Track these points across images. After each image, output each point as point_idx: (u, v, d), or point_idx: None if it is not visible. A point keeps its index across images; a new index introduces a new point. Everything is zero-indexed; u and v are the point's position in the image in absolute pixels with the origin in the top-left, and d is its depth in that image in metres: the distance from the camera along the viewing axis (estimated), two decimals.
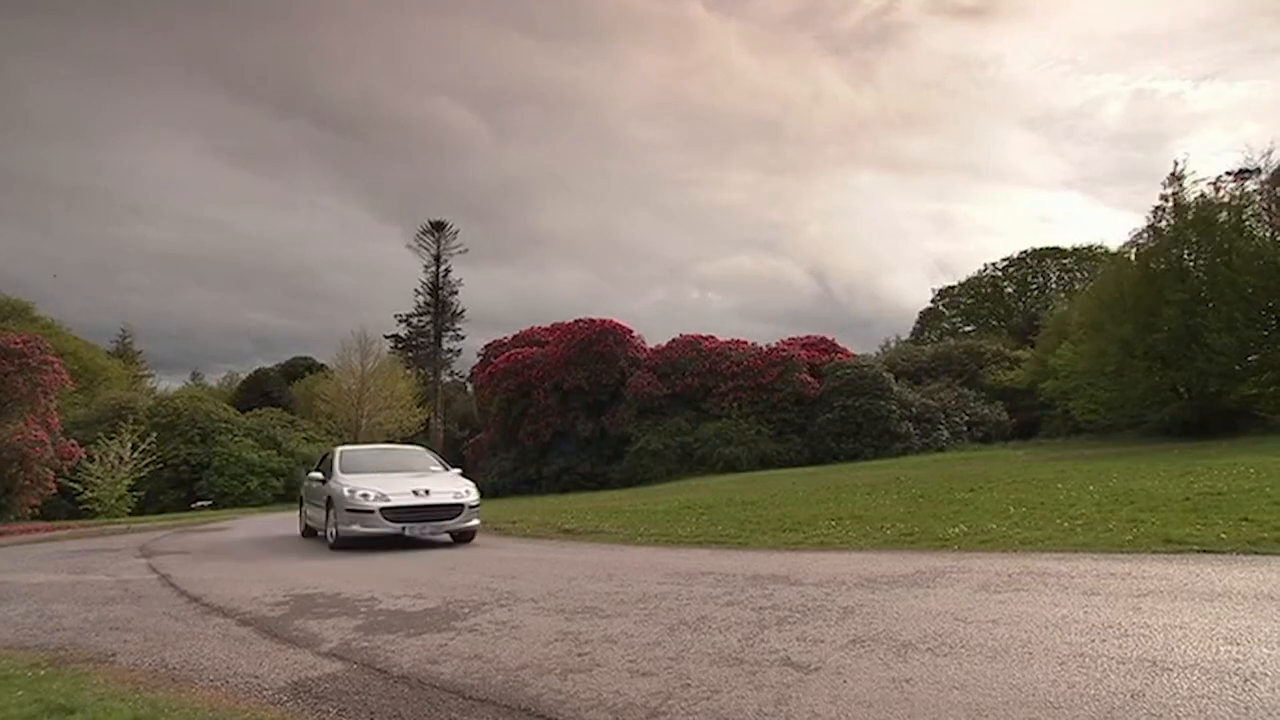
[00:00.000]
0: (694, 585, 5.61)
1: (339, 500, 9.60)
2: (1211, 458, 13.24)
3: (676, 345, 36.15)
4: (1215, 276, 21.00)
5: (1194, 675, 2.84)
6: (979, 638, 3.57)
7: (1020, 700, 2.73)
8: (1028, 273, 51.24)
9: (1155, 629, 3.49)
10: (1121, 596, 4.22)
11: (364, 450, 12.36)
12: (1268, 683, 2.72)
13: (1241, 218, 21.89)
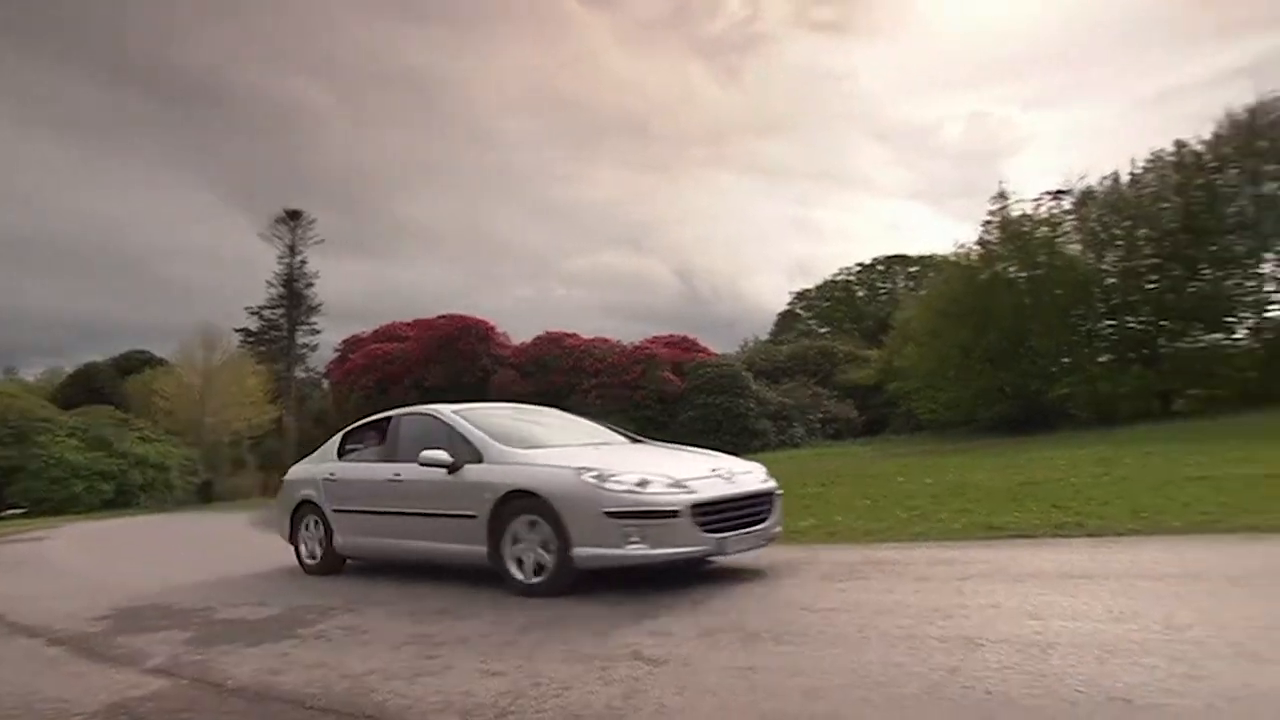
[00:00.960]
0: None
1: (577, 499, 4.81)
2: (1031, 452, 14.49)
3: (541, 342, 36.01)
4: (1035, 287, 22.98)
5: (1002, 649, 3.11)
6: (820, 625, 3.77)
7: (854, 682, 2.90)
8: (878, 277, 54.36)
9: (974, 609, 3.80)
10: (949, 581, 4.56)
11: (492, 410, 6.83)
12: (1060, 651, 3.02)
13: (1055, 234, 24.08)
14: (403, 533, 5.96)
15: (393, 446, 6.36)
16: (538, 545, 4.97)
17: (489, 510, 5.18)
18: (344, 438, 7.13)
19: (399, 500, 5.97)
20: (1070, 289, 22.63)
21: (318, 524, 6.76)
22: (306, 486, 6.96)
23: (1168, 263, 21.85)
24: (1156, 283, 22.19)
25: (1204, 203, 21.34)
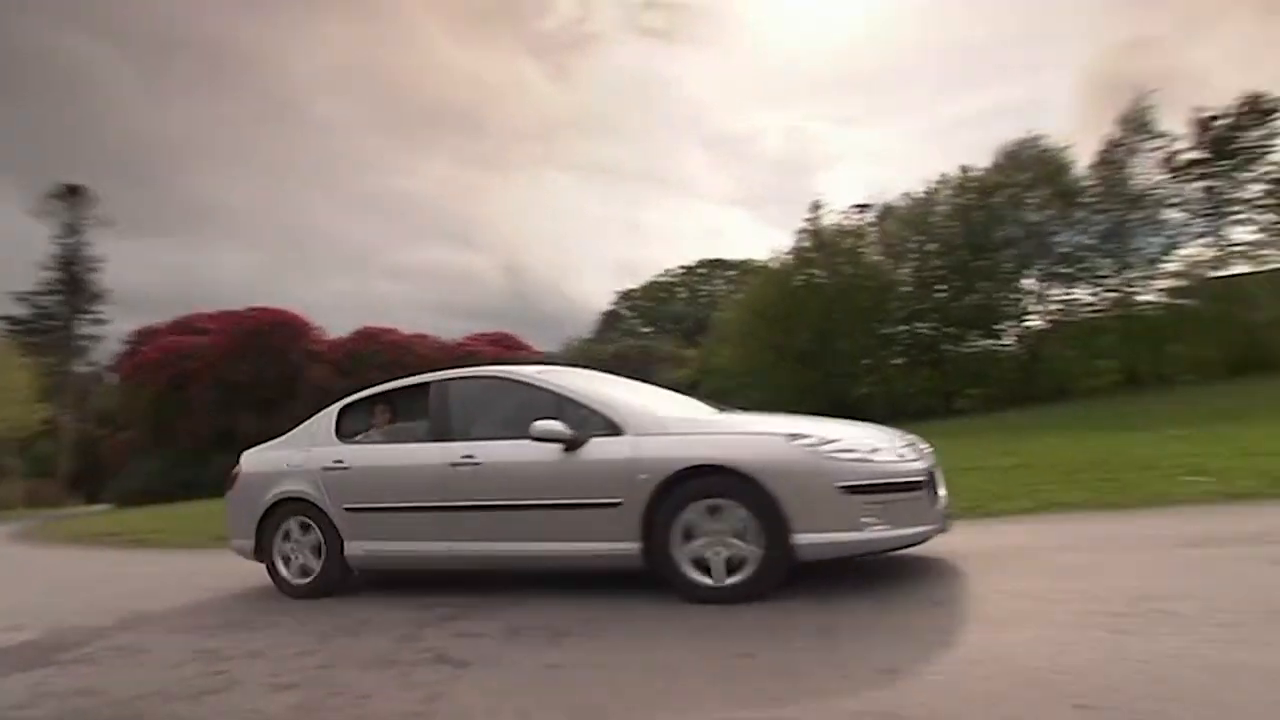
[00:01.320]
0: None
1: (798, 472, 3.82)
2: None
3: (358, 338, 34.50)
4: (841, 292, 24.76)
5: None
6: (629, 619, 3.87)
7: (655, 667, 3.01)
8: (699, 280, 56.35)
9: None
10: None
11: (573, 373, 5.40)
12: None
13: (860, 245, 26.06)
14: (475, 533, 4.59)
15: (445, 421, 4.90)
16: (729, 536, 3.92)
17: (648, 495, 4.04)
18: (342, 413, 5.47)
19: (472, 490, 4.57)
20: (871, 296, 24.58)
21: (307, 528, 5.15)
22: (288, 480, 5.25)
23: (952, 275, 24.23)
24: (943, 293, 24.52)
25: (981, 223, 23.83)
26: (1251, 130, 21.42)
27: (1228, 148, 21.58)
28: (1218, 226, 22.12)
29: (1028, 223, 23.63)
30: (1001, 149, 24.76)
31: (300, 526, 5.17)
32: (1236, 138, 21.53)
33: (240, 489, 5.54)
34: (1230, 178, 21.83)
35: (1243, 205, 21.81)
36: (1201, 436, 8.88)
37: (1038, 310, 24.19)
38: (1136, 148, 22.69)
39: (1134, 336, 21.69)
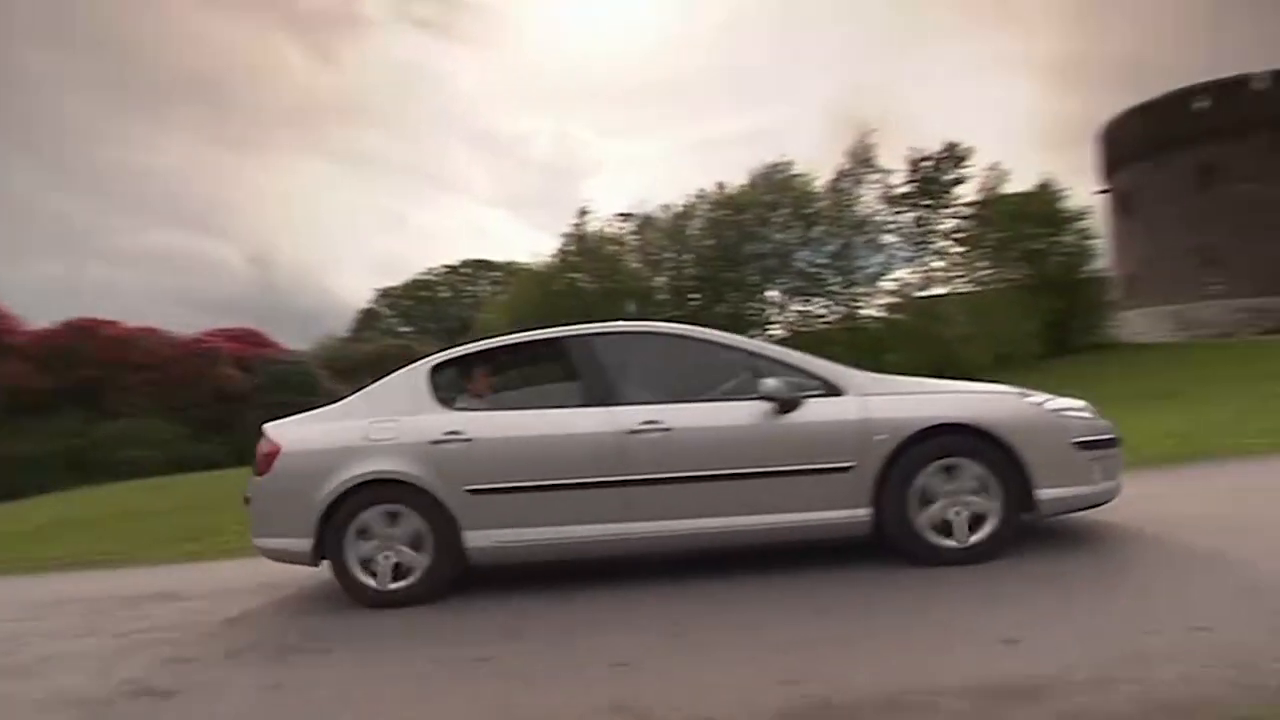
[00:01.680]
0: (49, 619, 4.68)
1: (1039, 429, 3.97)
2: None
3: (69, 331, 30.10)
4: (602, 298, 25.42)
5: None
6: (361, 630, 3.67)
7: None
8: (463, 280, 55.34)
9: None
10: None
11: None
12: None
13: (621, 251, 26.96)
14: (658, 510, 4.02)
15: (601, 383, 4.27)
16: (967, 494, 3.86)
17: (884, 457, 3.85)
18: (434, 374, 4.51)
19: (657, 461, 4.01)
20: (631, 301, 25.49)
21: (396, 518, 4.19)
22: (372, 458, 4.20)
23: (705, 285, 25.78)
24: (696, 301, 25.99)
25: (733, 238, 25.59)
26: (948, 173, 25.02)
27: (931, 186, 25.02)
28: (923, 253, 25.53)
29: (773, 240, 25.74)
30: (754, 170, 26.78)
31: (386, 517, 4.19)
32: (938, 178, 25.03)
33: (285, 474, 4.31)
34: (934, 212, 25.34)
35: (940, 236, 25.42)
36: None
37: (780, 320, 26.42)
38: (861, 178, 25.57)
39: (858, 347, 24.32)
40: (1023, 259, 26.56)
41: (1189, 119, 40.00)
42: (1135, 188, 42.64)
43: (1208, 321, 37.88)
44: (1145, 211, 41.95)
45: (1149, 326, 38.98)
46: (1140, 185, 42.32)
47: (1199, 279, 39.27)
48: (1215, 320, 37.76)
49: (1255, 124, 38.28)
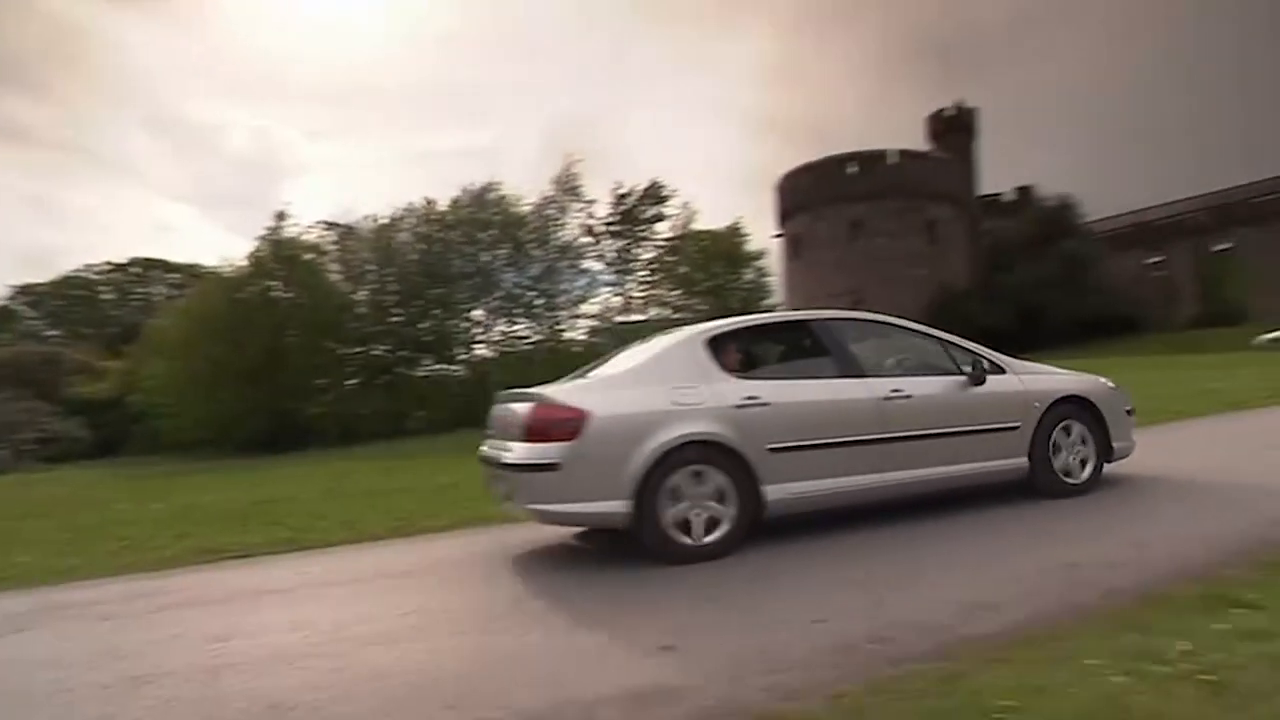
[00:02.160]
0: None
1: (1112, 399, 5.52)
2: (277, 470, 14.74)
3: None
4: (298, 309, 23.74)
5: (171, 681, 3.03)
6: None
7: None
8: (132, 281, 48.58)
9: (156, 643, 3.61)
10: (140, 615, 4.24)
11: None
12: (233, 670, 3.09)
13: (321, 261, 25.41)
14: (886, 462, 4.77)
15: (842, 358, 4.95)
16: (1077, 445, 5.25)
17: (1038, 418, 5.14)
18: (712, 346, 4.76)
19: (904, 422, 4.80)
20: (329, 314, 24.05)
21: (699, 477, 4.33)
22: (684, 421, 4.34)
23: (409, 301, 25.08)
24: (400, 317, 25.21)
25: (440, 255, 25.24)
26: (649, 208, 26.90)
27: (632, 219, 26.72)
28: (624, 280, 27.11)
29: (480, 260, 25.78)
30: (466, 188, 26.64)
31: (692, 476, 4.33)
32: (639, 212, 26.79)
33: (599, 438, 4.24)
34: (635, 242, 27.06)
35: (641, 266, 27.20)
36: None
37: (485, 340, 26.47)
38: (567, 205, 26.59)
39: (561, 368, 25.07)
40: (709, 292, 29.25)
41: (843, 180, 46.87)
42: (803, 234, 48.92)
43: None
44: (810, 256, 48.27)
45: None
46: (806, 233, 48.64)
47: None
48: None
49: (890, 190, 45.90)
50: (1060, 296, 39.78)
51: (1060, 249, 41.28)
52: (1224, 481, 5.35)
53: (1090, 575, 3.41)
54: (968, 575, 3.63)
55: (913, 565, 3.88)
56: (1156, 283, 47.56)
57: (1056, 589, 3.28)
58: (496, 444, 4.81)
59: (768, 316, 5.94)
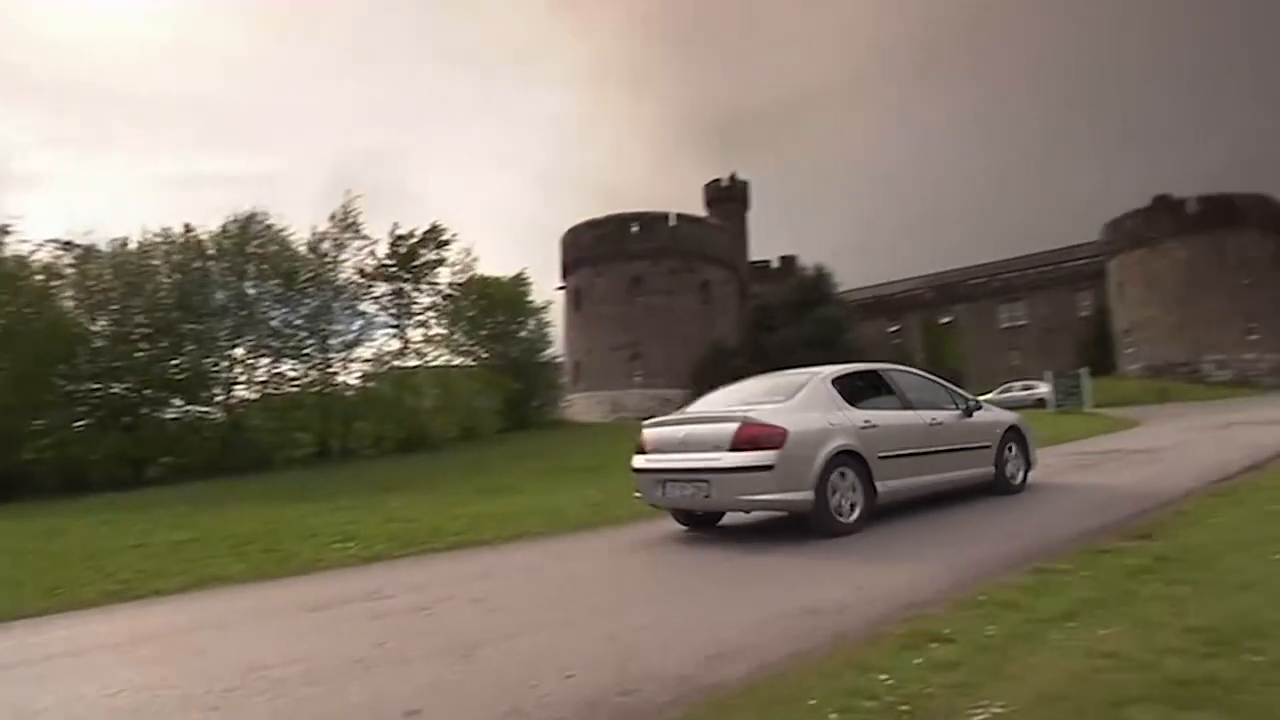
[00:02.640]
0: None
1: (1027, 428, 8.45)
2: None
3: None
4: (14, 338, 20.81)
5: None
6: None
7: None
8: None
9: None
10: None
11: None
12: None
13: (52, 285, 22.53)
14: (931, 468, 6.95)
15: (902, 397, 7.13)
16: (1016, 458, 7.94)
17: (999, 439, 7.71)
18: (835, 384, 6.71)
19: (939, 441, 7.05)
20: (56, 346, 21.29)
21: (844, 475, 6.14)
22: (838, 437, 6.20)
23: (158, 334, 22.79)
24: (146, 352, 22.82)
25: (198, 286, 23.25)
26: (429, 251, 26.54)
27: (412, 262, 26.22)
28: (402, 325, 26.43)
29: (245, 294, 24.07)
30: (233, 216, 24.81)
31: (839, 474, 6.11)
32: (420, 255, 26.35)
33: (795, 447, 5.93)
34: (414, 286, 26.52)
35: (420, 311, 26.68)
36: (363, 506, 10.30)
37: (245, 380, 24.57)
38: (345, 243, 25.60)
39: (330, 412, 23.87)
40: (492, 340, 29.28)
41: (626, 238, 48.93)
42: (585, 288, 50.27)
43: (632, 406, 45.87)
44: (591, 309, 49.66)
45: (590, 408, 45.75)
46: (588, 287, 50.05)
47: (627, 370, 47.66)
48: (638, 405, 45.91)
49: (669, 251, 48.57)
50: (817, 357, 43.71)
51: (817, 314, 45.51)
52: (932, 526, 6.30)
53: (823, 620, 3.80)
54: (715, 622, 3.92)
55: (660, 615, 4.15)
56: (895, 348, 53.78)
57: (794, 634, 3.61)
58: (679, 456, 6.32)
59: (858, 366, 7.47)
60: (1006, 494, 7.56)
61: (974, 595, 3.96)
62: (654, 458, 6.58)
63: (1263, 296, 41.38)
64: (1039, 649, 3.12)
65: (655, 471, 6.50)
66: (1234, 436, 12.51)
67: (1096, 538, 5.28)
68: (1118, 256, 45.69)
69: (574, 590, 4.96)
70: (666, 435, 6.58)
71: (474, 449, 22.26)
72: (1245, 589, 3.76)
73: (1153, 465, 9.52)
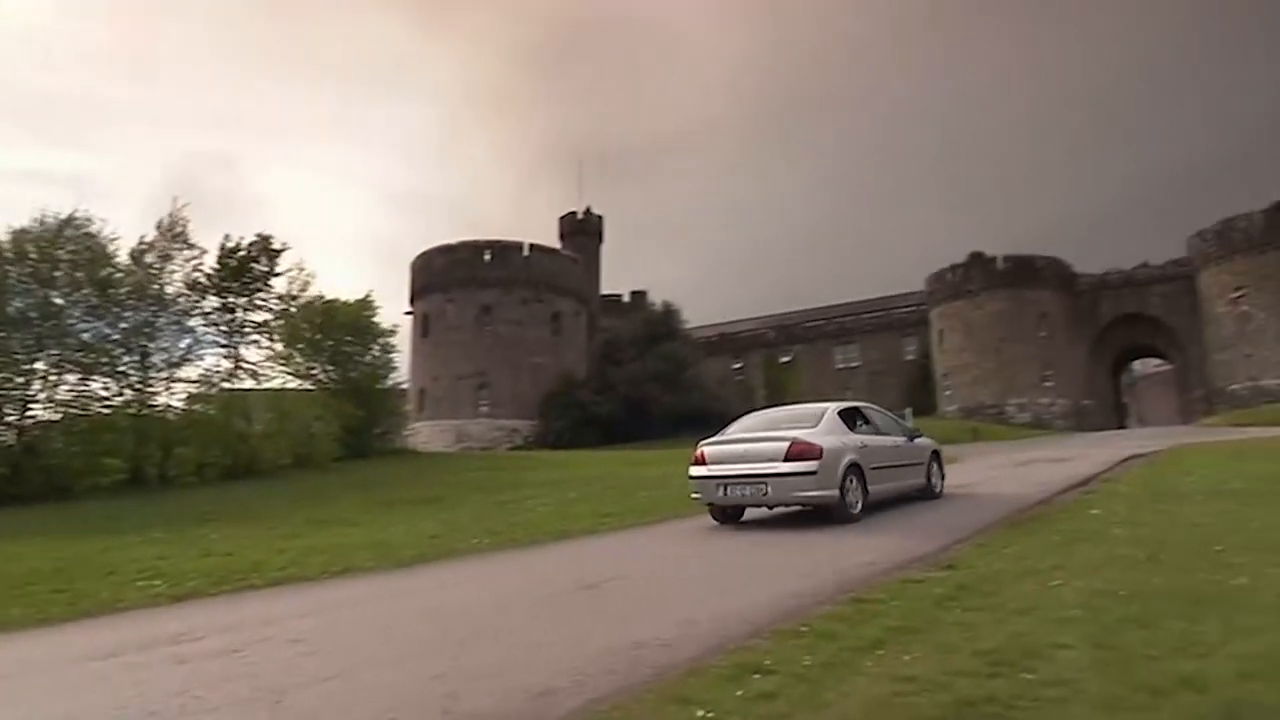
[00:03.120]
0: None
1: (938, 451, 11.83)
2: None
3: None
4: None
5: None
6: None
7: None
8: None
9: None
10: None
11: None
12: None
13: None
14: (896, 478, 9.86)
15: (875, 426, 10.10)
16: (935, 474, 10.84)
17: (928, 459, 10.77)
18: (839, 415, 9.43)
19: (900, 458, 10.12)
20: None
21: (852, 480, 8.69)
22: (851, 453, 8.82)
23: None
24: None
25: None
26: (264, 266, 25.05)
27: (244, 276, 24.67)
28: (233, 343, 24.75)
29: (51, 303, 21.82)
30: (41, 218, 22.46)
31: (850, 479, 8.64)
32: (252, 268, 24.82)
33: (827, 459, 8.40)
34: (248, 303, 24.92)
35: (254, 328, 25.09)
36: (177, 539, 9.59)
37: (45, 399, 22.14)
38: (171, 254, 23.78)
39: (146, 436, 21.92)
40: (333, 363, 27.93)
41: (478, 265, 48.41)
42: (434, 314, 49.19)
43: (477, 436, 45.13)
44: (439, 336, 48.62)
45: (435, 437, 44.57)
46: (437, 313, 49.02)
47: (474, 400, 46.86)
48: (483, 436, 45.24)
49: (520, 280, 48.48)
50: (662, 391, 44.75)
51: (664, 349, 46.63)
52: (748, 563, 6.64)
53: (649, 654, 3.89)
54: (550, 656, 3.96)
55: (496, 650, 4.16)
56: (738, 385, 55.93)
57: (621, 668, 3.69)
58: (740, 466, 8.66)
59: (850, 403, 10.18)
60: (933, 500, 10.54)
61: (797, 626, 4.25)
62: (714, 467, 8.89)
63: (1056, 348, 46.36)
64: (851, 677, 3.37)
65: (716, 478, 8.80)
66: (1030, 474, 13.94)
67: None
68: (939, 306, 49.83)
69: (402, 628, 4.86)
70: (726, 450, 8.98)
71: (309, 477, 21.15)
72: (1026, 613, 4.26)
73: (959, 500, 10.51)
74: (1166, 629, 3.82)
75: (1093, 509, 8.45)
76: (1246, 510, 7.83)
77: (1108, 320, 47.45)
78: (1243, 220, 41.88)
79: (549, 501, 13.60)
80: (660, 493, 13.91)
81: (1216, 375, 42.80)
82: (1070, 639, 3.72)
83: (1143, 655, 3.45)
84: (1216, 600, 4.34)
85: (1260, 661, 3.27)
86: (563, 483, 17.23)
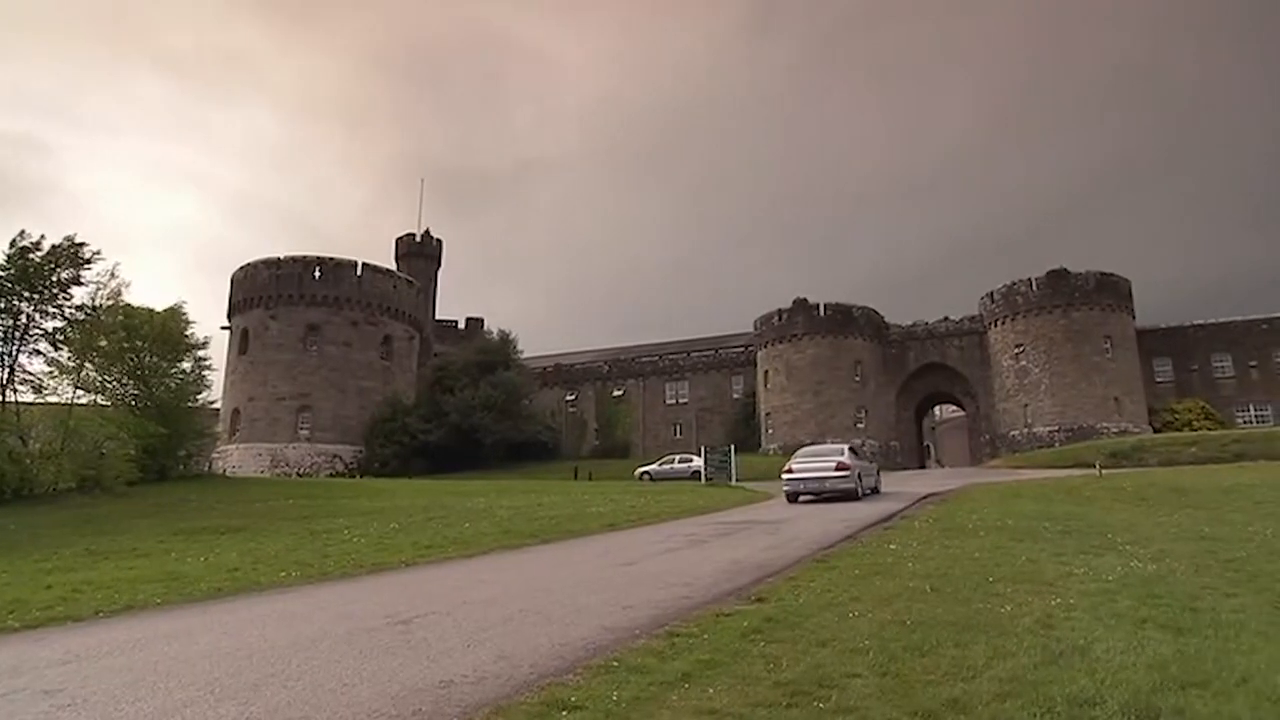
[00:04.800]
0: None
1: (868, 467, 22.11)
2: None
3: None
4: None
5: None
6: None
7: None
8: None
9: None
10: None
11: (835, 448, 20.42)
12: None
13: None
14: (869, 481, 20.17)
15: (861, 456, 21.33)
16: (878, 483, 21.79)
17: (874, 474, 22.10)
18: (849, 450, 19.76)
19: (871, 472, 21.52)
20: None
21: (861, 480, 18.85)
22: (857, 469, 18.82)
23: None
24: None
25: None
26: (63, 269, 22.55)
27: (39, 279, 22.10)
28: (11, 351, 22.03)
29: None
30: None
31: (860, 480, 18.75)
32: (50, 273, 22.29)
33: (852, 470, 18.17)
34: (38, 307, 22.27)
35: (42, 335, 22.45)
36: None
37: None
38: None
39: None
40: (134, 377, 25.37)
41: (307, 282, 46.01)
42: (254, 330, 46.13)
43: (296, 461, 42.50)
44: (259, 354, 45.59)
45: (248, 461, 41.57)
46: (259, 329, 46.02)
47: (294, 422, 44.17)
48: (301, 460, 42.66)
49: (351, 300, 46.53)
50: (495, 420, 44.08)
51: (498, 378, 46.02)
52: (573, 595, 6.66)
53: (458, 693, 3.82)
54: (349, 701, 3.79)
55: (285, 696, 3.95)
56: (571, 416, 56.02)
57: (427, 708, 3.61)
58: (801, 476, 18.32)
59: (853, 442, 23.05)
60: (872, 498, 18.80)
61: (609, 661, 4.31)
62: (796, 473, 18.24)
63: (868, 392, 49.86)
64: (658, 711, 3.49)
65: (798, 479, 18.13)
66: (835, 511, 14.91)
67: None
68: (765, 348, 52.36)
69: (185, 672, 4.48)
70: (804, 463, 18.50)
71: (96, 503, 19.08)
72: (825, 645, 4.57)
73: (776, 535, 11.02)
74: (942, 655, 4.22)
75: (891, 544, 9.15)
76: (1016, 545, 8.81)
77: (914, 368, 51.62)
78: (1024, 285, 47.02)
79: (367, 532, 13.03)
80: (484, 524, 13.68)
81: (1001, 422, 47.49)
82: (861, 668, 4.03)
83: (921, 680, 3.80)
84: (985, 627, 4.86)
85: (1015, 683, 3.68)
86: (384, 512, 16.57)
